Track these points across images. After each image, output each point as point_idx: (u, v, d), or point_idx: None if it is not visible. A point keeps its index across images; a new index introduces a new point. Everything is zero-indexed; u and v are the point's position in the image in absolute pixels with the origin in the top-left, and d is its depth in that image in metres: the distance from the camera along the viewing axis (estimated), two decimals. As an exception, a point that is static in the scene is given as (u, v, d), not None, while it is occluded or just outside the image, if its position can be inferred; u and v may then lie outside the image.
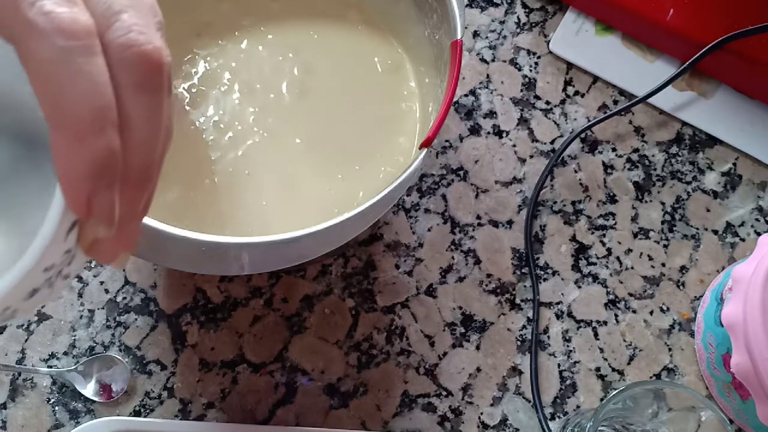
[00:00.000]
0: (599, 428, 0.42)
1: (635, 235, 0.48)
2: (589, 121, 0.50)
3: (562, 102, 0.51)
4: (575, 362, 0.46)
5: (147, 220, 0.31)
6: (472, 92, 0.51)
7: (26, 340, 0.45)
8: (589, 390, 0.45)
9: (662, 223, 0.48)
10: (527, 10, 0.53)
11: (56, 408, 0.43)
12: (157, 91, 0.22)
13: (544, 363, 0.45)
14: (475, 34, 0.52)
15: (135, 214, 0.24)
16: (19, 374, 0.44)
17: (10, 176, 0.28)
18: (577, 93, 0.51)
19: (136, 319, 0.45)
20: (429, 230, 0.48)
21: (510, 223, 0.48)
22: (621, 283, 0.47)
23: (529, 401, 0.45)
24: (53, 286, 0.24)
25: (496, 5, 0.53)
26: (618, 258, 0.48)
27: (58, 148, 0.21)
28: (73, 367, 0.44)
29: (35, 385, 0.44)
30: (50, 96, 0.20)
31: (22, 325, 0.45)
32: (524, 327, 0.46)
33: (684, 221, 0.49)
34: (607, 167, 0.49)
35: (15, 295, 0.22)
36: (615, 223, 0.48)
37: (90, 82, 0.20)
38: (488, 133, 0.50)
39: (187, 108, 0.42)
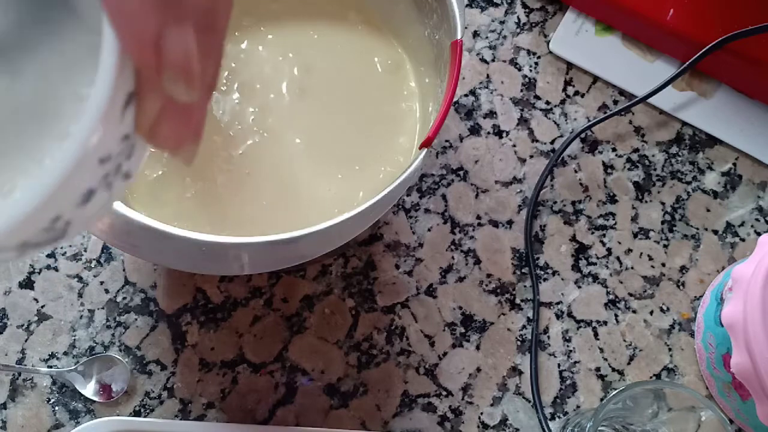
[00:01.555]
0: (599, 428, 0.42)
1: (635, 235, 0.48)
2: (589, 121, 0.50)
3: (562, 102, 0.51)
4: (575, 362, 0.46)
5: (147, 220, 0.31)
6: (472, 92, 0.51)
7: (26, 340, 0.45)
8: (589, 390, 0.45)
9: (662, 223, 0.48)
10: (527, 10, 0.53)
11: (56, 408, 0.43)
12: None
13: (544, 363, 0.45)
14: (475, 34, 0.52)
15: (206, 75, 0.18)
16: (19, 374, 0.44)
17: (31, 47, 0.21)
18: (577, 93, 0.51)
19: (136, 319, 0.45)
20: (429, 230, 0.48)
21: (510, 223, 0.48)
22: (621, 283, 0.47)
23: (529, 401, 0.45)
24: (111, 188, 0.18)
25: (496, 5, 0.53)
26: (618, 258, 0.48)
27: None
28: (73, 367, 0.44)
29: (35, 385, 0.44)
30: None
31: (23, 325, 0.45)
32: (524, 327, 0.46)
33: (684, 221, 0.49)
34: (607, 167, 0.49)
35: (65, 195, 0.17)
36: (615, 223, 0.48)
37: None
38: (488, 133, 0.50)
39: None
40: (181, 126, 0.18)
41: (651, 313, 0.47)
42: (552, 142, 0.50)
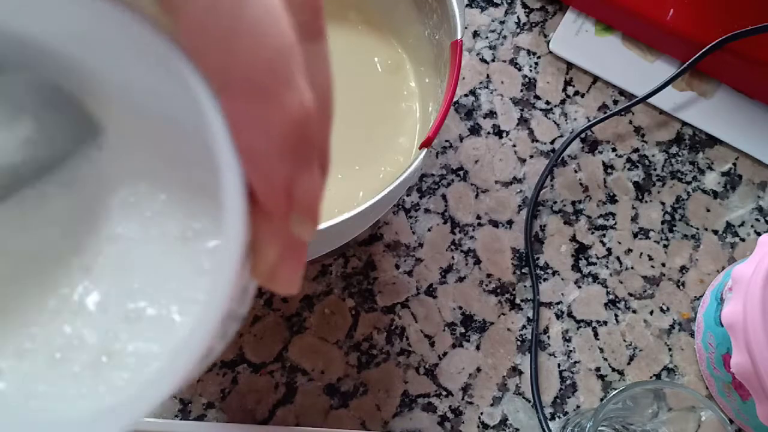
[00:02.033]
0: (599, 428, 0.42)
1: (635, 235, 0.48)
2: (589, 121, 0.50)
3: (562, 102, 0.51)
4: (575, 362, 0.46)
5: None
6: (472, 92, 0.51)
7: (26, 340, 0.45)
8: (589, 390, 0.45)
9: (662, 223, 0.48)
10: (527, 10, 0.53)
11: (56, 408, 0.43)
12: (323, 35, 0.17)
13: (544, 363, 0.45)
14: (475, 34, 0.52)
15: (316, 206, 0.17)
16: (19, 374, 0.44)
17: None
18: (577, 93, 0.51)
19: (136, 319, 0.45)
20: (429, 230, 0.48)
21: (510, 223, 0.48)
22: (621, 283, 0.47)
23: (529, 401, 0.45)
24: (226, 337, 0.18)
25: (496, 5, 0.53)
26: (618, 258, 0.48)
27: (234, 115, 0.14)
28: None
29: (35, 385, 0.44)
30: (214, 43, 0.14)
31: (22, 325, 0.45)
32: (524, 327, 0.46)
33: (684, 221, 0.49)
34: (607, 167, 0.49)
35: (198, 363, 0.16)
36: (615, 223, 0.48)
37: (267, 14, 0.14)
38: (488, 133, 0.50)
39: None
40: (299, 265, 0.18)
41: (651, 313, 0.47)
42: (552, 142, 0.50)
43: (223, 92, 0.14)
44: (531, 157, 0.50)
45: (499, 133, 0.50)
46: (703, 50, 0.48)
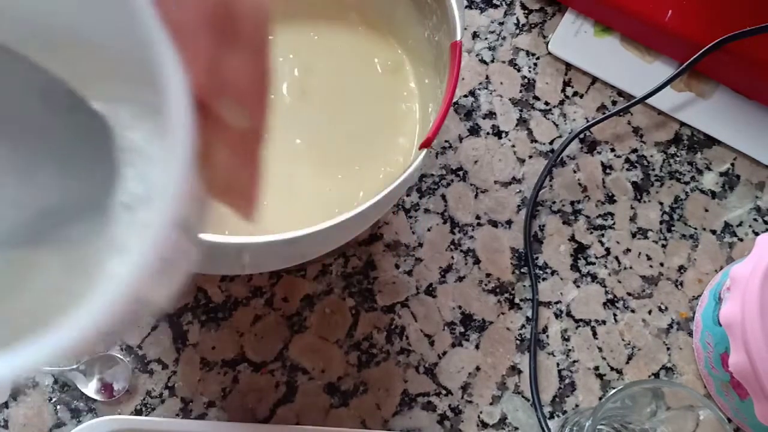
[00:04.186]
0: (598, 427, 0.42)
1: (634, 235, 0.48)
2: (587, 121, 0.50)
3: (561, 102, 0.51)
4: (574, 361, 0.46)
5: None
6: (472, 93, 0.51)
7: (28, 340, 0.45)
8: (588, 389, 0.45)
9: (661, 223, 0.49)
10: (526, 12, 0.53)
11: (58, 407, 0.44)
12: None
13: (543, 362, 0.46)
14: (475, 35, 0.52)
15: (261, 115, 0.17)
16: (21, 373, 0.44)
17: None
18: (576, 94, 0.51)
19: (137, 319, 0.45)
20: (429, 230, 0.48)
21: (509, 223, 0.48)
22: (619, 282, 0.47)
23: (528, 400, 0.45)
24: (182, 257, 0.17)
25: (496, 6, 0.53)
26: (617, 258, 0.48)
27: None
28: (74, 366, 0.44)
29: (37, 384, 0.44)
30: None
31: (24, 325, 0.45)
32: (523, 326, 0.46)
33: (682, 221, 0.49)
34: (606, 167, 0.50)
35: (148, 271, 0.15)
36: (614, 223, 0.49)
37: None
38: (487, 133, 0.50)
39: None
40: (253, 175, 0.17)
41: (649, 312, 0.47)
42: (551, 143, 0.50)
43: None
44: (530, 157, 0.50)
45: (498, 133, 0.50)
46: (702, 51, 0.48)
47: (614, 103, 0.51)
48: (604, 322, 0.47)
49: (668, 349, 0.46)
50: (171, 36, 0.14)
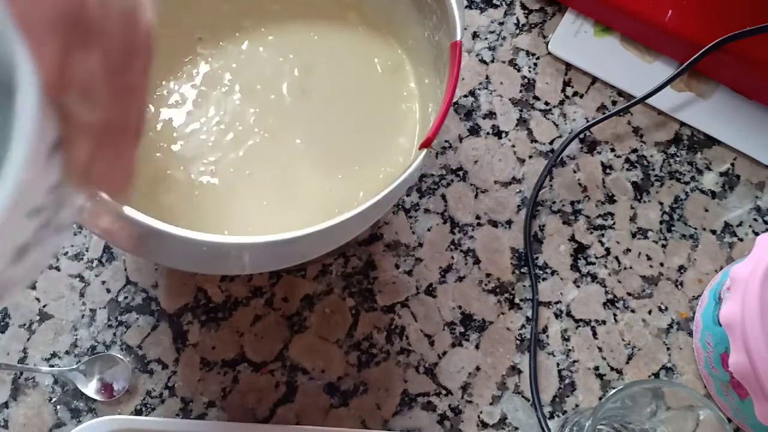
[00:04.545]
0: (598, 427, 0.42)
1: (634, 235, 0.48)
2: (587, 121, 0.50)
3: (561, 102, 0.51)
4: (574, 361, 0.46)
5: (149, 220, 0.31)
6: (472, 93, 0.51)
7: (28, 340, 0.45)
8: (588, 389, 0.45)
9: (661, 223, 0.49)
10: (526, 12, 0.53)
11: (58, 407, 0.44)
12: None
13: (543, 362, 0.46)
14: (475, 35, 0.52)
15: (129, 118, 0.18)
16: (21, 373, 0.44)
17: None
18: (576, 94, 0.51)
19: (137, 319, 0.45)
20: (429, 230, 0.48)
21: (509, 223, 0.48)
22: (619, 282, 0.47)
23: (528, 400, 0.45)
24: (45, 244, 0.18)
25: (496, 6, 0.53)
26: (617, 258, 0.48)
27: None
28: (74, 367, 0.44)
29: (37, 385, 0.44)
30: None
31: (24, 325, 0.45)
32: (523, 326, 0.46)
33: (682, 221, 0.49)
34: (606, 167, 0.50)
35: None
36: (614, 223, 0.49)
37: None
38: (487, 133, 0.50)
39: (192, 108, 0.42)
40: (116, 158, 0.19)
41: (649, 312, 0.47)
42: (551, 143, 0.50)
43: None
44: (530, 157, 0.50)
45: (498, 133, 0.50)
46: (702, 51, 0.48)
47: (614, 103, 0.51)
48: (604, 322, 0.47)
49: (668, 349, 0.46)
50: (22, 32, 0.15)
